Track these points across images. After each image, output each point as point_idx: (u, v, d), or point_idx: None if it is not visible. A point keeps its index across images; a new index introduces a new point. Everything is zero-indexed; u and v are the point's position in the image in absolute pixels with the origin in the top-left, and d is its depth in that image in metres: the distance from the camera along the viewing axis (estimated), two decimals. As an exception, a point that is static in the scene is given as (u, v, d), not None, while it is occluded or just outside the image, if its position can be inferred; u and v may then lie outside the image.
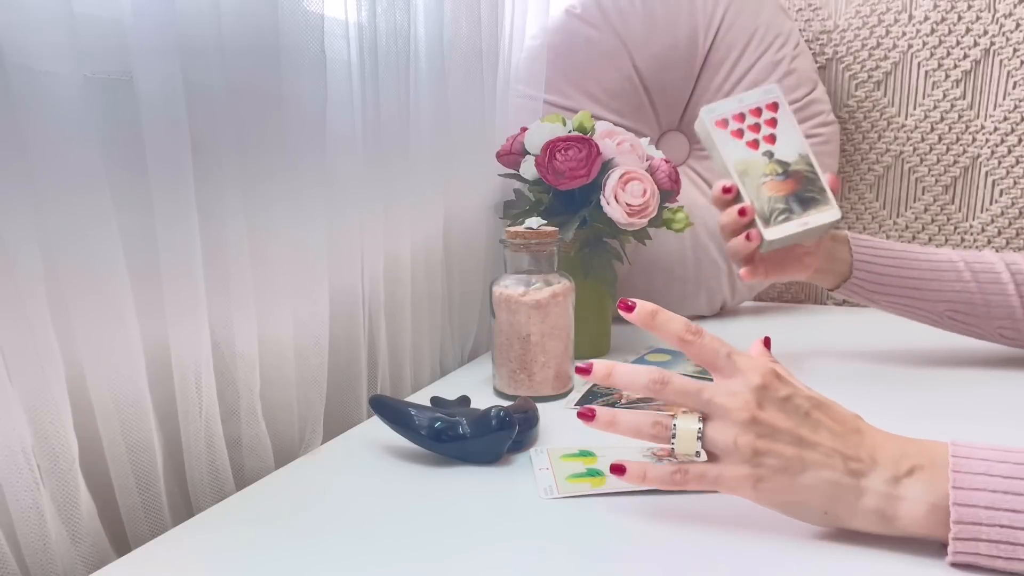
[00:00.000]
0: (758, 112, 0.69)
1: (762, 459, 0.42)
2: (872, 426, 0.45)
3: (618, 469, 0.46)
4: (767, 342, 0.48)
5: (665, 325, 0.46)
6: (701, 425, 0.44)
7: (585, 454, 0.56)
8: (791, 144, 0.68)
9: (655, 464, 0.46)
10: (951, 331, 0.77)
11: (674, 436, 0.44)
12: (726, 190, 0.69)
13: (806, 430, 0.43)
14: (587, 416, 0.46)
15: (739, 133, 0.69)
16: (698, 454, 0.44)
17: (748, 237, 0.68)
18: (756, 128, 0.68)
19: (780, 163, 0.67)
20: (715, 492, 0.46)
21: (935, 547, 0.41)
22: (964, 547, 0.39)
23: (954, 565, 0.40)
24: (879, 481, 0.41)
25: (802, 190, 0.66)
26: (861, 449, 0.43)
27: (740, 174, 0.68)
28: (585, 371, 0.46)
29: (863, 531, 0.42)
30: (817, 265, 0.75)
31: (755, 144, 0.68)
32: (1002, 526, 0.38)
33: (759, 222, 0.67)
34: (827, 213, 0.66)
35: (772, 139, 0.68)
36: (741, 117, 0.69)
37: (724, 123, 0.69)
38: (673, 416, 0.45)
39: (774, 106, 0.69)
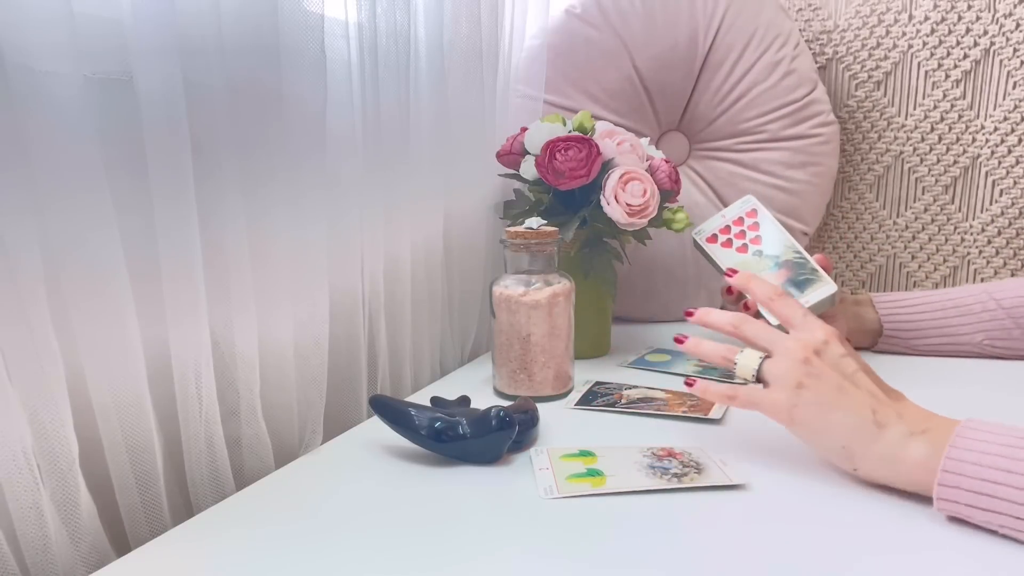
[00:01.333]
0: (740, 222, 0.77)
1: (803, 392, 0.50)
2: (910, 401, 0.51)
3: (690, 383, 0.56)
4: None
5: (758, 288, 0.58)
6: (763, 359, 0.53)
7: (585, 454, 0.56)
8: (775, 239, 0.75)
9: (715, 382, 0.56)
10: (996, 357, 0.79)
11: (737, 363, 0.54)
12: (728, 291, 0.78)
13: (849, 383, 0.50)
14: (679, 341, 0.58)
15: (728, 243, 0.77)
16: (755, 379, 0.53)
17: None
18: (742, 235, 0.76)
19: (770, 257, 0.74)
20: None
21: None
22: (947, 494, 0.44)
23: (940, 511, 0.45)
24: (896, 433, 0.47)
25: (795, 275, 0.73)
26: (891, 408, 0.49)
27: None
28: (689, 314, 0.59)
29: (870, 476, 0.49)
30: (847, 328, 0.80)
31: (744, 248, 0.76)
32: (983, 479, 0.42)
33: (763, 312, 0.72)
34: (823, 289, 0.73)
35: (758, 240, 0.76)
36: (727, 229, 0.77)
37: (714, 238, 0.77)
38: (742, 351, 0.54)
39: (753, 213, 0.77)
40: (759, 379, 0.53)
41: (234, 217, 0.52)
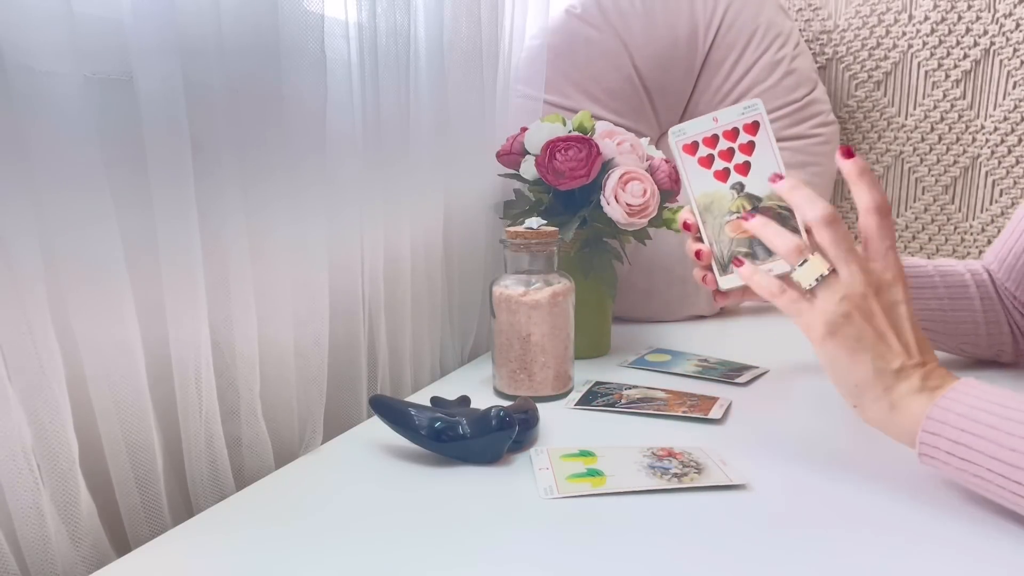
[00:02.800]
0: (734, 134, 0.59)
1: (845, 324, 0.49)
2: (938, 361, 0.51)
3: (738, 262, 0.56)
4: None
5: (862, 193, 0.51)
6: (827, 272, 0.50)
7: (585, 454, 0.56)
8: (767, 175, 0.57)
9: (764, 274, 0.54)
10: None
11: (803, 264, 0.51)
12: (686, 226, 0.61)
13: (892, 332, 0.49)
14: (745, 218, 0.55)
15: (708, 160, 0.59)
16: (810, 288, 0.51)
17: (704, 280, 0.61)
18: (729, 154, 0.59)
19: (750, 198, 0.58)
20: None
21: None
22: (928, 439, 0.46)
23: (922, 459, 0.47)
24: (908, 386, 0.48)
25: None
26: (918, 365, 0.49)
27: (703, 210, 0.60)
28: (778, 176, 0.54)
29: (866, 418, 0.50)
30: None
31: (724, 174, 0.59)
32: (963, 430, 0.45)
33: (716, 267, 0.60)
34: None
35: (745, 168, 0.58)
36: (714, 140, 0.59)
37: (694, 147, 0.60)
38: (812, 252, 0.51)
39: (753, 127, 0.58)
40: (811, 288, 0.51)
41: (234, 217, 0.52)
